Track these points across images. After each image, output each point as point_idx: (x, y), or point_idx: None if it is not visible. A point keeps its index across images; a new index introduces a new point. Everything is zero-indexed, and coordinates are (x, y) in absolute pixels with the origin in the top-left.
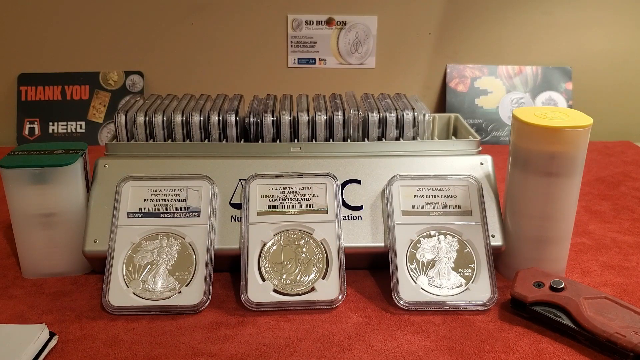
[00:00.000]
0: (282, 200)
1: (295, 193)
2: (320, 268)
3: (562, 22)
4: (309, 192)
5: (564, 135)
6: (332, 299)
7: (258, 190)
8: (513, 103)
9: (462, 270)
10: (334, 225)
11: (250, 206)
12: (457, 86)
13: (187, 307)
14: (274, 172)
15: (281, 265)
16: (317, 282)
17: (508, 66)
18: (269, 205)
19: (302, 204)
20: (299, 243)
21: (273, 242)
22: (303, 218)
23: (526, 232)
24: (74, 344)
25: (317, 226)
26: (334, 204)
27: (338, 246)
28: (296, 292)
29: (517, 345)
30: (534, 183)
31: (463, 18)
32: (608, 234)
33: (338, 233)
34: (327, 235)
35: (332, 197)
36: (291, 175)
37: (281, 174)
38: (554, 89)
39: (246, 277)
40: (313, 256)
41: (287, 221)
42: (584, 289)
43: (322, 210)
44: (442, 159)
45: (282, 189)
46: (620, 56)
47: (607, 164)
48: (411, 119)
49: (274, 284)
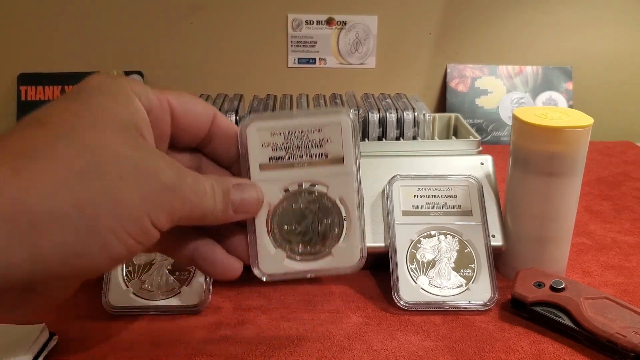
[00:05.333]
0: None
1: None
2: (338, 230)
3: (563, 22)
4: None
5: (565, 135)
6: (351, 265)
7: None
8: (513, 103)
9: (462, 270)
10: (352, 178)
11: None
12: (458, 86)
13: (187, 307)
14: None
15: (292, 230)
16: (334, 247)
17: (508, 66)
18: (272, 157)
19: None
20: (314, 202)
21: (281, 202)
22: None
23: (526, 232)
24: (74, 344)
25: (331, 181)
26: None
27: (357, 202)
28: (314, 259)
29: (518, 345)
30: (535, 183)
31: (463, 18)
32: (609, 234)
33: (357, 186)
34: (344, 192)
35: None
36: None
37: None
38: (555, 88)
39: (255, 246)
40: (329, 217)
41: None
42: (584, 289)
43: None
44: (442, 159)
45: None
46: (621, 56)
47: (608, 164)
48: (411, 118)
49: (287, 252)
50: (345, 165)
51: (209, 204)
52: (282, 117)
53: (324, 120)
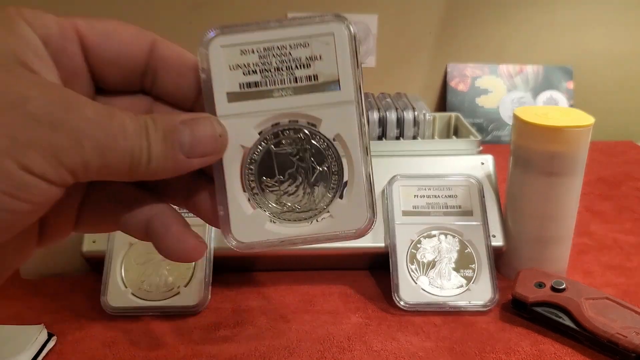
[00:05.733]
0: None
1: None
2: (336, 180)
3: (564, 21)
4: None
5: (565, 134)
6: (358, 228)
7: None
8: (514, 102)
9: (462, 270)
10: (351, 109)
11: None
12: (458, 85)
13: (186, 308)
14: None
15: (273, 182)
16: (332, 204)
17: (509, 65)
18: (244, 83)
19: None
20: (302, 143)
21: (257, 144)
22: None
23: (527, 232)
24: (73, 344)
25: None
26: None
27: (361, 141)
28: (304, 219)
29: (518, 346)
30: (535, 183)
31: (464, 17)
32: (609, 234)
33: (360, 120)
34: (342, 127)
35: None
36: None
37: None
38: (555, 88)
39: (226, 205)
40: (323, 163)
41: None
42: (585, 289)
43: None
44: (442, 158)
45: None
46: (622, 55)
47: (609, 163)
48: (411, 118)
49: (269, 213)
50: (342, 92)
51: (132, 146)
52: (255, 29)
53: (312, 30)
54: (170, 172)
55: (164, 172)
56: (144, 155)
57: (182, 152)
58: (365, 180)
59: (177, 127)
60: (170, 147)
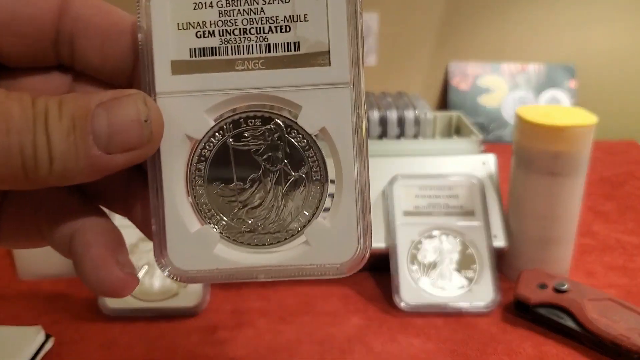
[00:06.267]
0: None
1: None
2: (317, 193)
3: (566, 19)
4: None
5: (568, 134)
6: (341, 262)
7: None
8: (516, 101)
9: (464, 271)
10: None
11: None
12: (460, 84)
13: (185, 310)
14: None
15: (230, 189)
16: (309, 225)
17: (511, 64)
18: (196, 49)
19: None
20: (273, 138)
21: (210, 135)
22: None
23: (529, 233)
24: (70, 346)
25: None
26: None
27: (355, 139)
28: (270, 244)
29: (520, 347)
30: (538, 183)
31: (465, 15)
32: (612, 235)
33: (356, 110)
34: (330, 119)
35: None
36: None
37: None
38: (558, 87)
39: (161, 217)
40: (300, 167)
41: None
42: (587, 290)
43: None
44: (444, 158)
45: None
46: (625, 54)
47: (612, 163)
48: (413, 117)
49: (222, 231)
50: (332, 69)
51: (20, 142)
52: None
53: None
54: (86, 175)
55: (76, 174)
56: (41, 154)
57: (98, 145)
58: (357, 195)
59: (90, 112)
60: (81, 140)
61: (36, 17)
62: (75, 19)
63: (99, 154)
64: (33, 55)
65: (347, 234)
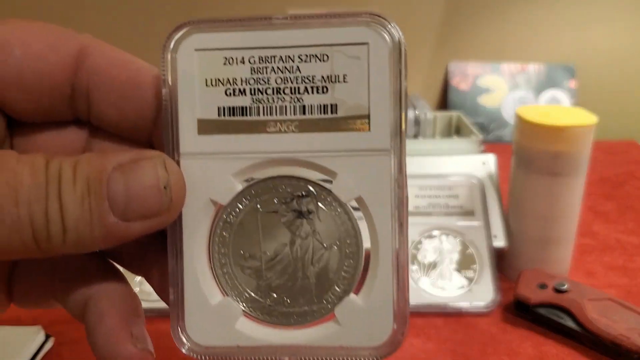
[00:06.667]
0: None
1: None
2: (350, 267)
3: (566, 19)
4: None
5: (568, 134)
6: (374, 346)
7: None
8: (516, 101)
9: (464, 271)
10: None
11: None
12: (460, 84)
13: None
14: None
15: (255, 258)
16: (341, 302)
17: (511, 64)
18: (226, 108)
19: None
20: (304, 206)
21: (237, 200)
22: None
23: (529, 233)
24: (70, 346)
25: (341, 164)
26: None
27: (394, 211)
28: (296, 321)
29: (520, 347)
30: (538, 183)
31: (465, 15)
32: (612, 235)
33: (397, 181)
34: (367, 188)
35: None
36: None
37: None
38: (558, 86)
39: (180, 287)
40: (332, 239)
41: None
42: (588, 290)
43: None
44: (444, 158)
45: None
46: (625, 54)
47: (612, 163)
48: (413, 117)
49: (245, 305)
50: (372, 134)
51: (30, 213)
52: (248, 27)
53: (336, 35)
54: (101, 243)
55: (91, 243)
56: (53, 224)
57: (114, 212)
58: (395, 271)
59: (106, 175)
60: (96, 206)
61: (48, 73)
62: (91, 71)
63: (115, 222)
64: (46, 110)
65: (381, 315)
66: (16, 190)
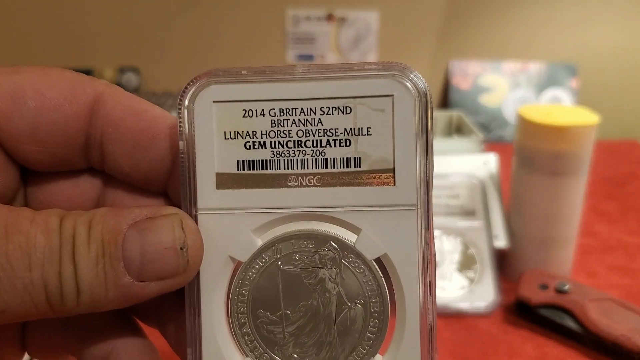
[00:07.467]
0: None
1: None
2: (376, 326)
3: (567, 18)
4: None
5: (569, 133)
6: None
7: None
8: (517, 101)
9: (465, 272)
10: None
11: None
12: (460, 83)
13: None
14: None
15: (276, 319)
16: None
17: (512, 63)
18: (245, 162)
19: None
20: (327, 263)
21: (256, 258)
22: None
23: (531, 233)
24: None
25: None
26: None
27: (422, 268)
28: None
29: (521, 348)
30: (539, 183)
31: (466, 13)
32: (614, 235)
33: (424, 236)
34: (393, 245)
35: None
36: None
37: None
38: (559, 86)
39: (198, 348)
40: (356, 299)
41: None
42: (589, 291)
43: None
44: (444, 157)
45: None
46: (627, 53)
47: (614, 163)
48: None
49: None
50: (397, 189)
51: (44, 277)
52: (268, 78)
53: (359, 87)
54: (116, 304)
55: (105, 304)
56: (67, 287)
57: (130, 272)
58: (422, 333)
59: (121, 235)
60: (111, 268)
61: (62, 124)
62: (105, 121)
63: (130, 282)
64: (60, 160)
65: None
66: (29, 255)
